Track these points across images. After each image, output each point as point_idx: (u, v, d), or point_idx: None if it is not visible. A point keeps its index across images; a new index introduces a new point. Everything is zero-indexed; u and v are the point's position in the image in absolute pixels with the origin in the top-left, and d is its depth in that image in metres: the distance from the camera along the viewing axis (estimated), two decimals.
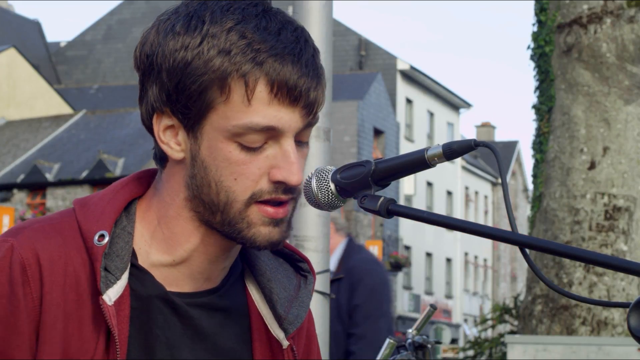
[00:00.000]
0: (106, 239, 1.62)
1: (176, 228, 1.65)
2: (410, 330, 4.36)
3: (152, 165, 1.75)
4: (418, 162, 1.60)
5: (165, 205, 1.66)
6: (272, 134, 1.59)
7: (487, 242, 55.73)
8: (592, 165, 10.59)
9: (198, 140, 1.61)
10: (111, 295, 1.60)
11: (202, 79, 1.58)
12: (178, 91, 1.60)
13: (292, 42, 1.60)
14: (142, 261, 1.66)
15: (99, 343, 1.60)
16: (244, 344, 1.72)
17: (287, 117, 1.59)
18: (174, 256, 1.66)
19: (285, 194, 1.61)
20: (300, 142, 1.64)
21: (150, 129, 1.66)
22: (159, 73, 1.61)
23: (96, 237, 1.62)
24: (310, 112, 1.61)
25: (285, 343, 1.72)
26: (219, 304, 1.70)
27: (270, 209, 1.61)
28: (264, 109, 1.58)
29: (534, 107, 11.30)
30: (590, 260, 1.50)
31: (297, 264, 1.78)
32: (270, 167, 1.60)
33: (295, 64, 1.58)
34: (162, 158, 1.67)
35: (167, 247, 1.66)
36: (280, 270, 1.76)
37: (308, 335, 1.82)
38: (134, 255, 1.66)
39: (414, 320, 33.41)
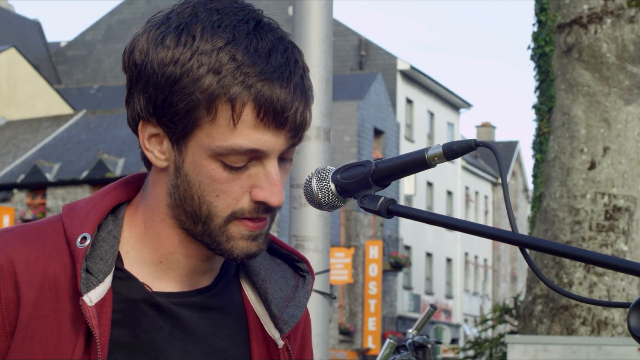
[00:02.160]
0: (88, 241, 1.62)
1: (161, 232, 1.67)
2: (410, 330, 4.36)
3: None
4: (418, 162, 1.60)
5: (151, 210, 1.67)
6: (256, 154, 1.60)
7: (488, 242, 55.72)
8: (592, 165, 10.59)
9: (182, 153, 1.61)
10: (92, 297, 1.61)
11: (190, 98, 1.58)
12: (164, 106, 1.60)
13: (282, 65, 1.59)
14: (128, 264, 1.67)
15: (78, 344, 1.61)
16: (240, 344, 1.72)
17: (272, 140, 1.59)
18: (160, 257, 1.67)
19: (265, 214, 1.63)
20: (284, 159, 1.64)
21: (135, 133, 1.67)
22: (147, 84, 1.61)
23: (79, 240, 1.63)
24: (296, 134, 1.61)
25: (280, 343, 1.72)
26: (210, 303, 1.70)
27: (250, 223, 1.62)
28: (249, 132, 1.58)
29: (534, 107, 11.30)
30: (591, 260, 1.50)
31: (296, 264, 1.78)
32: (252, 186, 1.61)
33: (283, 89, 1.58)
34: (148, 162, 1.68)
35: (153, 250, 1.67)
36: (277, 270, 1.76)
37: (303, 337, 1.82)
38: (119, 259, 1.66)
39: (414, 320, 33.41)
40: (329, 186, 1.63)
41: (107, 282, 1.63)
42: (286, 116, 1.58)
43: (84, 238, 1.63)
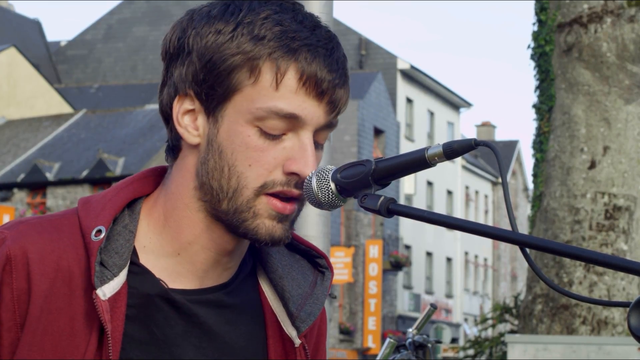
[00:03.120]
0: (103, 234, 1.61)
1: (183, 220, 1.65)
2: (410, 330, 4.36)
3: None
4: (418, 162, 1.60)
5: (173, 198, 1.66)
6: (293, 124, 1.60)
7: (488, 242, 55.74)
8: (593, 165, 10.60)
9: (218, 123, 1.61)
10: (106, 291, 1.59)
11: (233, 59, 1.59)
12: (206, 70, 1.60)
13: (327, 39, 1.63)
14: (144, 259, 1.66)
15: (92, 339, 1.59)
16: (257, 342, 1.71)
17: (311, 109, 1.60)
18: (178, 249, 1.66)
19: (297, 188, 1.61)
20: (317, 143, 1.65)
21: (167, 116, 1.66)
22: (189, 54, 1.62)
23: (93, 233, 1.62)
24: (333, 109, 1.63)
25: (297, 341, 1.71)
26: (227, 301, 1.69)
27: (279, 203, 1.61)
28: (290, 96, 1.59)
29: (534, 106, 11.30)
30: (591, 259, 1.50)
31: (315, 260, 1.77)
32: (285, 158, 1.60)
33: (327, 59, 1.61)
34: (174, 147, 1.67)
35: (172, 241, 1.66)
36: (296, 267, 1.75)
37: (319, 333, 1.81)
38: (135, 253, 1.65)
39: (414, 319, 33.41)
40: (329, 185, 1.62)
41: (122, 276, 1.61)
42: (327, 87, 1.60)
43: (99, 231, 1.62)
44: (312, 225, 3.73)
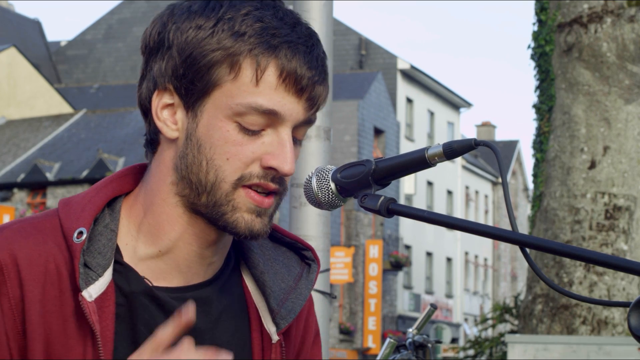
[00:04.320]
0: (84, 236, 1.61)
1: (161, 215, 1.65)
2: (410, 330, 4.36)
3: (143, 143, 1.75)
4: (418, 162, 1.60)
5: (152, 193, 1.66)
6: (272, 120, 1.60)
7: (488, 242, 55.72)
8: (593, 165, 10.59)
9: (197, 118, 1.61)
10: (92, 292, 1.60)
11: (213, 55, 1.59)
12: (186, 65, 1.61)
13: (306, 36, 1.63)
14: (127, 257, 1.66)
15: (87, 340, 1.60)
16: (241, 338, 1.71)
17: (290, 106, 1.60)
18: (160, 246, 1.66)
19: (273, 183, 1.62)
20: (295, 139, 1.65)
21: (146, 110, 1.66)
22: (169, 48, 1.62)
23: (75, 235, 1.62)
24: (312, 105, 1.63)
25: (274, 338, 1.71)
26: (210, 297, 1.69)
27: (256, 196, 1.61)
28: (270, 93, 1.59)
29: (534, 106, 11.30)
30: (591, 259, 1.50)
31: (301, 252, 1.77)
32: (264, 153, 1.61)
33: (307, 56, 1.61)
34: (152, 141, 1.67)
35: (153, 238, 1.66)
36: (280, 259, 1.75)
37: (305, 327, 1.80)
38: (118, 252, 1.65)
39: (414, 319, 33.41)
40: (329, 185, 1.63)
41: (107, 276, 1.62)
42: (306, 83, 1.60)
43: (80, 233, 1.62)
44: (312, 225, 3.73)
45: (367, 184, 1.62)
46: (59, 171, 37.72)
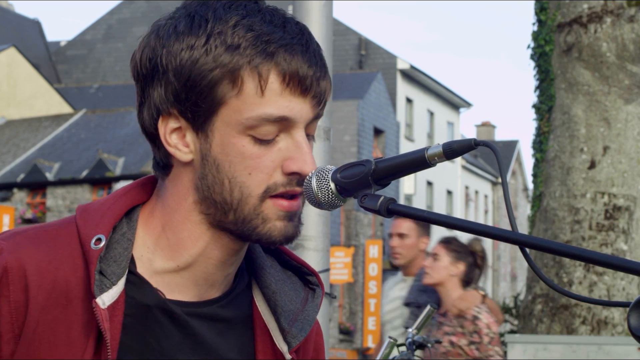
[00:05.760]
0: (102, 243, 1.61)
1: (183, 233, 1.64)
2: (410, 330, 4.36)
3: (151, 164, 1.74)
4: (418, 162, 1.60)
5: (171, 211, 1.64)
6: (284, 125, 1.59)
7: (487, 242, 55.71)
8: (592, 165, 10.59)
9: (209, 138, 1.60)
10: (105, 299, 1.59)
11: (213, 74, 1.57)
12: (187, 89, 1.59)
13: (298, 34, 1.62)
14: (142, 269, 1.65)
15: (88, 347, 1.59)
16: (246, 356, 1.71)
17: (298, 107, 1.60)
18: (179, 262, 1.65)
19: (299, 186, 1.62)
20: (308, 135, 1.65)
21: (152, 136, 1.65)
22: (165, 73, 1.60)
23: (93, 241, 1.61)
24: (319, 102, 1.63)
25: (288, 357, 1.71)
26: (220, 314, 1.69)
27: (285, 202, 1.61)
28: (276, 100, 1.58)
29: (534, 106, 11.30)
30: (591, 259, 1.50)
31: (306, 277, 1.78)
32: (283, 159, 1.60)
33: (304, 54, 1.60)
34: (165, 165, 1.65)
35: (172, 254, 1.65)
36: (288, 282, 1.75)
37: (316, 348, 1.81)
38: (133, 262, 1.64)
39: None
40: (329, 185, 1.62)
41: (120, 285, 1.61)
42: (310, 82, 1.60)
43: (99, 239, 1.61)
44: (312, 225, 3.73)
45: (367, 184, 1.61)
46: (59, 171, 37.71)
